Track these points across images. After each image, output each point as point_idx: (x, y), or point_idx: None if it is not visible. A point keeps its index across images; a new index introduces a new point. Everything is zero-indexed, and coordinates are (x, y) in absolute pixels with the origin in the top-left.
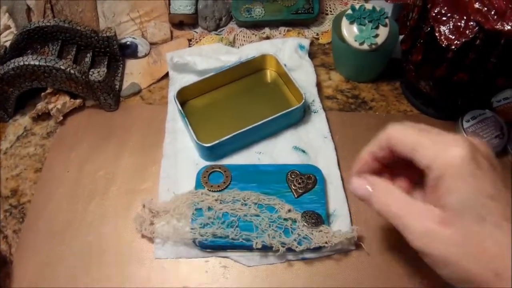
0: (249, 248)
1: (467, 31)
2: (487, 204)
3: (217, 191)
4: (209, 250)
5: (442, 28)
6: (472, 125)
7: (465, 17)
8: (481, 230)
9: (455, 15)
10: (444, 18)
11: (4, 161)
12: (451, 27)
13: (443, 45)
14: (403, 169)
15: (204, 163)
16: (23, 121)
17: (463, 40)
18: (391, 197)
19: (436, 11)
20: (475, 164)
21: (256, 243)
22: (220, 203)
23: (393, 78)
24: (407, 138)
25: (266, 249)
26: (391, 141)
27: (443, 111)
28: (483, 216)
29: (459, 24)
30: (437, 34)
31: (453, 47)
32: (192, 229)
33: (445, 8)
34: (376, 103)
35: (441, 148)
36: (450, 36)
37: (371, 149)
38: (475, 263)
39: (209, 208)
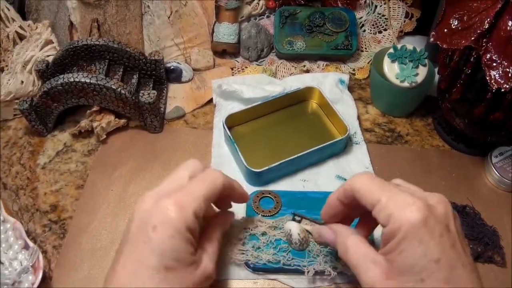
0: (301, 272)
1: None
2: (429, 267)
3: (268, 216)
4: (261, 272)
5: (493, 72)
6: (500, 161)
7: None
8: None
9: (504, 62)
10: (494, 64)
11: (42, 176)
12: (501, 72)
13: (493, 88)
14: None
15: (250, 188)
16: (63, 137)
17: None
18: (349, 245)
19: (487, 57)
20: (425, 230)
21: (308, 271)
22: (274, 229)
23: (426, 114)
24: (368, 194)
25: (317, 273)
26: (354, 192)
27: (473, 147)
28: (423, 278)
29: (507, 70)
30: (487, 78)
31: (503, 90)
32: (245, 251)
33: (496, 55)
34: (411, 137)
35: (397, 209)
36: (500, 80)
37: (337, 196)
38: None
39: (263, 234)
